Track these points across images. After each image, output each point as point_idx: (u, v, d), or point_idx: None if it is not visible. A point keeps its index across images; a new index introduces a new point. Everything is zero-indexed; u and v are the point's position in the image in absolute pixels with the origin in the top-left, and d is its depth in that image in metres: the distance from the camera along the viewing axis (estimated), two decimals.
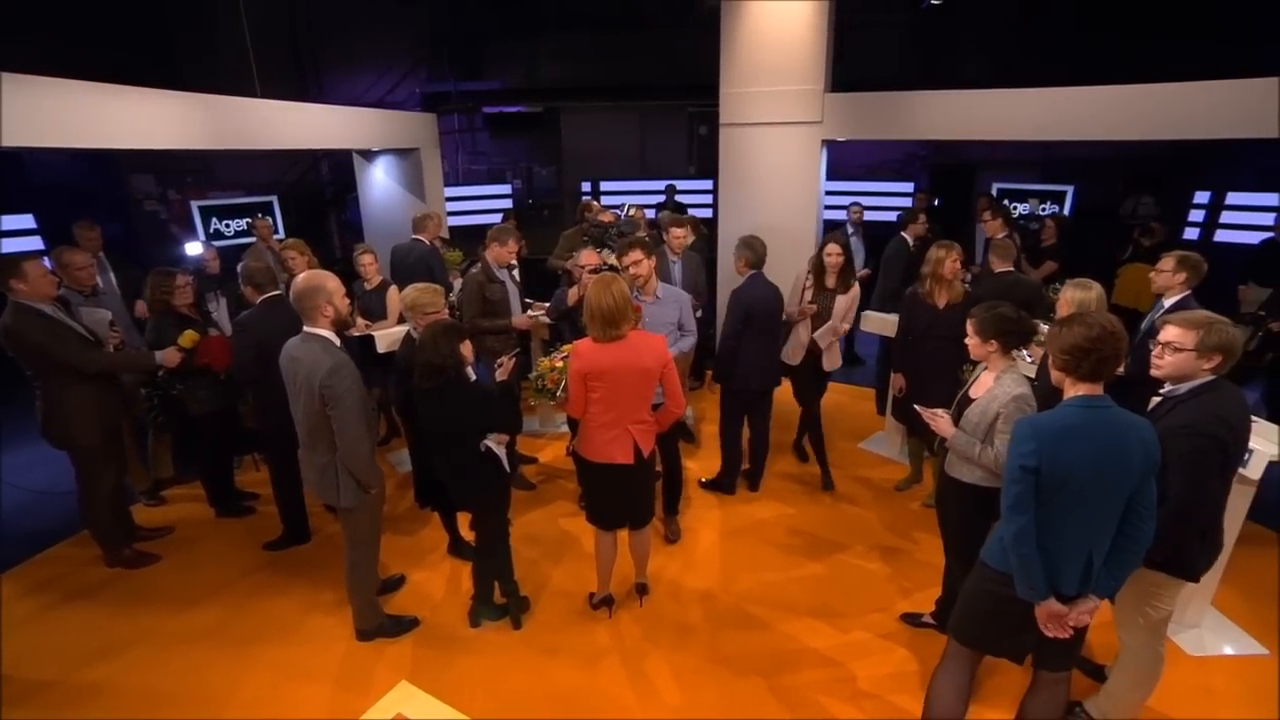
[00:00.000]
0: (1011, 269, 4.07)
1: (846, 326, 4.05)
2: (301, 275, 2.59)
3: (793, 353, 4.05)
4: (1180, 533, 2.07)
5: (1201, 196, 7.77)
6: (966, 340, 2.50)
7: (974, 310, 2.48)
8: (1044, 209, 8.15)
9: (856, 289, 3.98)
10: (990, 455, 2.32)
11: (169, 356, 3.38)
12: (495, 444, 2.79)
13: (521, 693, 2.73)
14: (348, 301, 2.65)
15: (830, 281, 3.95)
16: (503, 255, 3.99)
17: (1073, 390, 1.89)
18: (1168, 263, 3.29)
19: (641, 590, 3.19)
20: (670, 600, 3.25)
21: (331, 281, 2.57)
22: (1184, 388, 2.10)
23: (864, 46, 6.90)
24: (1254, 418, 2.83)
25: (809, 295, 3.99)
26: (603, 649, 2.95)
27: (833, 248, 3.91)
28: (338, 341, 2.60)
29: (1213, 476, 2.03)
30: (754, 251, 3.72)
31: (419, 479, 3.41)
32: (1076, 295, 2.92)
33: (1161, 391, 2.19)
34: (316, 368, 2.47)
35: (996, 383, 2.40)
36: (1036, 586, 1.88)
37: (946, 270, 3.58)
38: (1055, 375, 1.94)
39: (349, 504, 2.70)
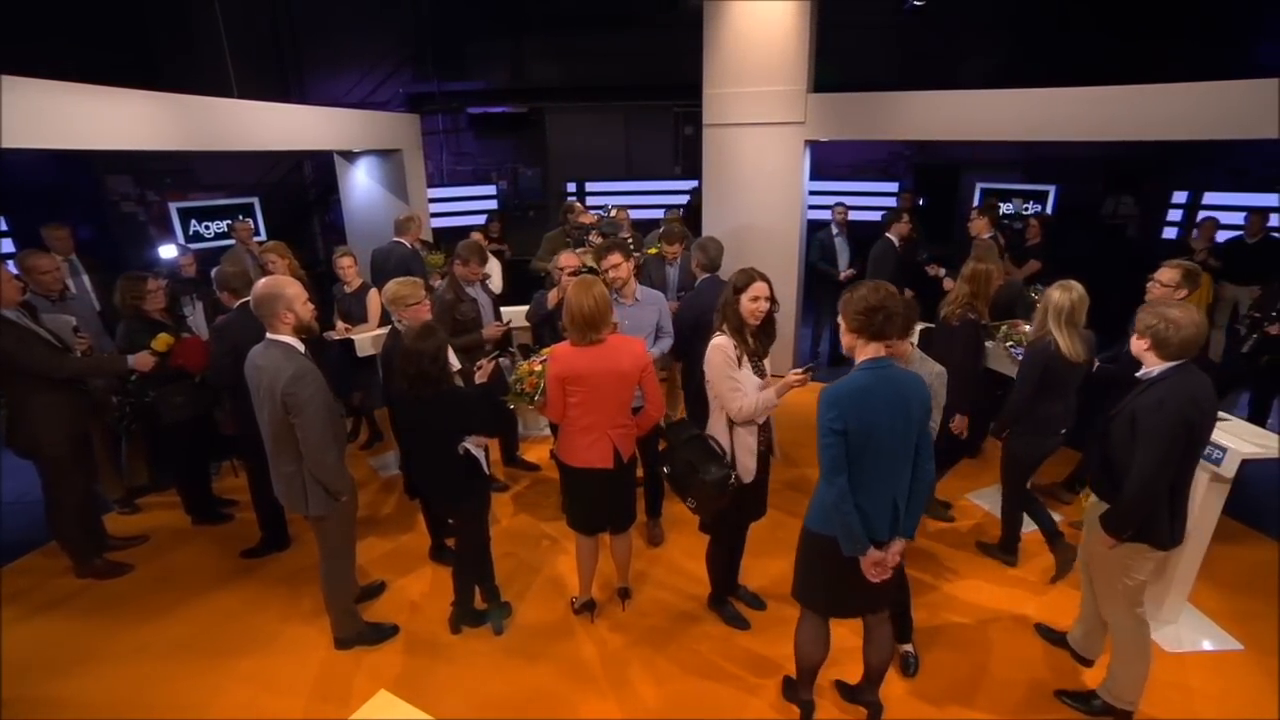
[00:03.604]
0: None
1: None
2: (261, 282, 2.53)
3: (745, 470, 2.64)
4: (1144, 502, 2.20)
5: (1179, 196, 7.88)
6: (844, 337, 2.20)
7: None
8: (1027, 208, 8.23)
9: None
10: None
11: (141, 360, 3.31)
12: (474, 446, 2.76)
13: (503, 699, 2.70)
14: (311, 308, 2.59)
15: (750, 341, 2.58)
16: (465, 274, 3.94)
17: (862, 354, 2.10)
18: (1171, 275, 3.13)
19: (624, 595, 3.18)
20: (652, 604, 3.23)
21: (291, 288, 2.51)
22: (1154, 371, 2.24)
23: (847, 47, 6.92)
24: (1230, 416, 2.87)
25: (749, 368, 2.58)
26: (585, 654, 2.93)
27: (760, 287, 2.51)
28: (301, 348, 2.55)
29: (1177, 451, 2.16)
30: (706, 254, 3.67)
31: (409, 472, 3.39)
32: (1054, 295, 2.94)
33: (1137, 374, 2.34)
34: (279, 375, 2.42)
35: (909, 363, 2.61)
36: (859, 541, 2.09)
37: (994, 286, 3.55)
38: (848, 339, 2.14)
39: (318, 512, 2.66)
